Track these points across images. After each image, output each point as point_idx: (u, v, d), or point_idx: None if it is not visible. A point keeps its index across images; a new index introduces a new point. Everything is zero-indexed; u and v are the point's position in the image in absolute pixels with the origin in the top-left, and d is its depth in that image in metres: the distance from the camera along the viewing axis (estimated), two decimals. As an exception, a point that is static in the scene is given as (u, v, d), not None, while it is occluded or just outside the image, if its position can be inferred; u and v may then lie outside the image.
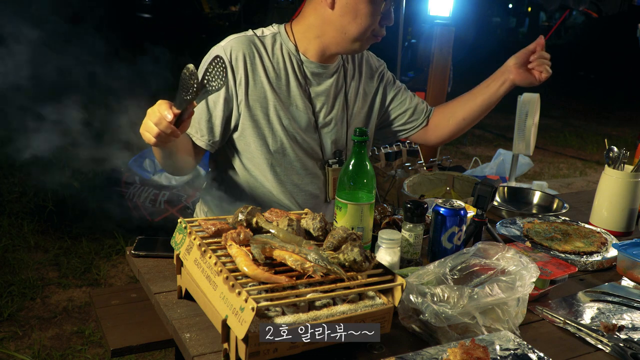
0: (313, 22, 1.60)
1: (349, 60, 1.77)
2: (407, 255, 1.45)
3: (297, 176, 1.69)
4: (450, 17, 4.77)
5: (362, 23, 1.54)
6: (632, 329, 1.26)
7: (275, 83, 1.61)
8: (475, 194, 1.57)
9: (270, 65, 1.61)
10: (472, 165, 5.14)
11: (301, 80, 1.65)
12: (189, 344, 1.07)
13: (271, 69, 1.61)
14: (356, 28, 1.55)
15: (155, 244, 1.47)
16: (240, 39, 1.59)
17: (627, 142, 7.36)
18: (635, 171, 1.82)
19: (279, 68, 1.62)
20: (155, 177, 3.78)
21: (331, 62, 1.69)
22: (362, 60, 1.81)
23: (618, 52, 11.65)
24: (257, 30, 1.65)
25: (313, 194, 1.74)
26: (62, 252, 3.43)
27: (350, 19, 1.54)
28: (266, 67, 1.60)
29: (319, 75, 1.67)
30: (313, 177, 1.73)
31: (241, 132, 1.61)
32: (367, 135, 1.35)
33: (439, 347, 1.05)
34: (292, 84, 1.63)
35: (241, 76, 1.57)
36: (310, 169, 1.71)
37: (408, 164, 3.81)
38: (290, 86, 1.63)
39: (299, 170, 1.69)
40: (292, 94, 1.64)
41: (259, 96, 1.60)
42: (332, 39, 1.60)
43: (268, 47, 1.62)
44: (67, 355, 2.54)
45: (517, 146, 3.68)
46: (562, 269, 1.38)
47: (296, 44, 1.64)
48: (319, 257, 1.05)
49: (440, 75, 4.85)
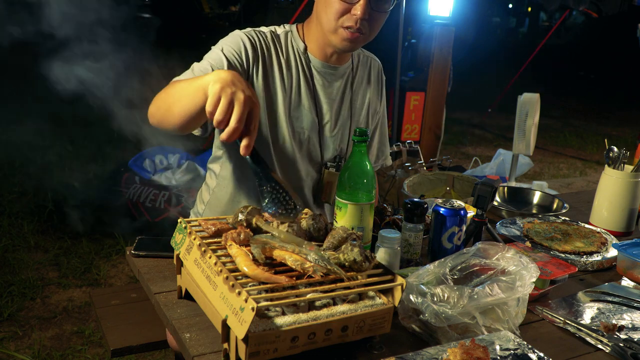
0: (314, 20, 1.61)
1: (359, 66, 1.76)
2: (407, 255, 1.45)
3: (292, 177, 1.69)
4: (450, 17, 4.78)
5: (329, 12, 1.51)
6: (632, 329, 1.26)
7: (287, 81, 1.61)
8: (475, 194, 1.57)
9: (284, 62, 1.61)
10: (472, 165, 5.14)
11: (309, 80, 1.65)
12: (189, 344, 1.07)
13: (284, 66, 1.61)
14: (326, 18, 1.52)
15: (155, 244, 1.47)
16: (260, 32, 1.60)
17: (627, 142, 7.37)
18: (635, 171, 1.82)
19: (290, 66, 1.62)
20: (155, 177, 3.78)
21: (339, 63, 1.67)
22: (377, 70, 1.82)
23: (618, 52, 11.65)
24: (271, 28, 1.65)
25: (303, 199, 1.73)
26: (62, 252, 3.43)
27: (322, 8, 1.53)
28: (280, 64, 1.61)
29: (327, 76, 1.67)
30: (308, 181, 1.72)
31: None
32: (367, 135, 1.35)
33: (439, 347, 1.05)
34: (301, 83, 1.63)
35: (260, 67, 1.57)
36: (307, 172, 1.71)
37: (408, 164, 3.81)
38: (299, 85, 1.63)
39: (294, 172, 1.68)
40: (300, 93, 1.64)
41: (272, 90, 1.60)
42: (318, 33, 1.60)
43: (282, 44, 1.63)
44: (67, 355, 2.54)
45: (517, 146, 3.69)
46: (562, 269, 1.38)
47: (306, 43, 1.64)
48: (319, 257, 1.05)
49: (440, 75, 4.85)
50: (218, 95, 1.15)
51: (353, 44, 1.55)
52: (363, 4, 1.47)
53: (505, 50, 13.86)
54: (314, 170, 1.73)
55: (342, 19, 1.50)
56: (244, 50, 1.54)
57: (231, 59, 1.52)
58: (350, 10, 1.48)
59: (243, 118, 1.15)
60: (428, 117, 4.94)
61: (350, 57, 1.72)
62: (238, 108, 1.14)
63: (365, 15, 1.48)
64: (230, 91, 1.14)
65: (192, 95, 1.25)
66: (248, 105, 1.16)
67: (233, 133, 1.15)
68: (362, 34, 1.52)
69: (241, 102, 1.14)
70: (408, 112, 4.91)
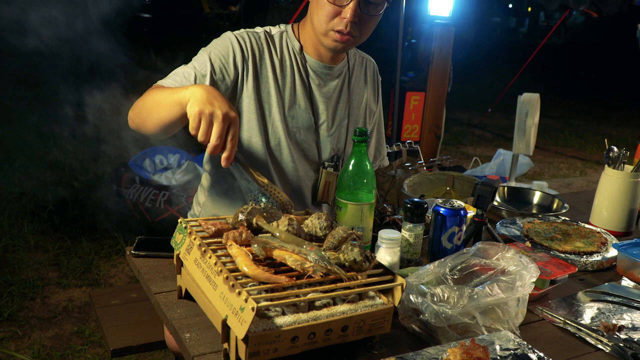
0: (308, 20, 1.61)
1: (355, 66, 1.76)
2: (407, 255, 1.45)
3: (290, 178, 1.69)
4: (450, 17, 4.78)
5: (321, 14, 1.51)
6: (632, 329, 1.26)
7: (281, 81, 1.62)
8: (475, 194, 1.57)
9: (277, 62, 1.62)
10: (472, 165, 5.14)
11: (305, 80, 1.65)
12: (189, 344, 1.07)
13: (278, 66, 1.61)
14: (317, 20, 1.53)
15: (155, 244, 1.47)
16: (253, 33, 1.61)
17: (627, 142, 7.37)
18: (635, 171, 1.82)
19: (284, 66, 1.62)
20: (155, 177, 3.78)
21: (334, 63, 1.68)
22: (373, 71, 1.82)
23: (618, 52, 11.65)
24: (265, 28, 1.66)
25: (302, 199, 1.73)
26: (62, 252, 3.43)
27: (314, 10, 1.54)
28: (274, 64, 1.61)
29: (323, 76, 1.67)
30: (307, 181, 1.72)
31: (246, 124, 1.61)
32: (367, 135, 1.35)
33: (439, 347, 1.05)
34: (296, 83, 1.64)
35: (250, 68, 1.57)
36: (305, 172, 1.71)
37: (408, 164, 3.81)
38: (294, 85, 1.64)
39: (291, 172, 1.68)
40: (295, 93, 1.64)
41: (264, 91, 1.60)
42: (312, 33, 1.60)
43: (276, 44, 1.63)
44: (67, 355, 2.54)
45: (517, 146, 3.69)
46: (562, 269, 1.38)
47: (301, 43, 1.64)
48: (319, 257, 1.05)
49: (440, 75, 4.85)
50: (198, 118, 1.23)
51: (343, 45, 1.56)
52: (353, 7, 1.48)
53: (505, 50, 13.86)
54: (312, 170, 1.72)
55: (333, 22, 1.51)
56: (232, 54, 1.55)
57: (216, 64, 1.53)
58: (341, 12, 1.49)
59: (223, 134, 1.24)
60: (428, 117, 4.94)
61: (346, 56, 1.72)
62: (217, 126, 1.23)
63: (355, 18, 1.49)
64: (208, 112, 1.22)
65: (169, 108, 1.33)
66: (226, 122, 1.24)
67: (215, 149, 1.25)
68: (353, 36, 1.53)
69: (220, 120, 1.23)
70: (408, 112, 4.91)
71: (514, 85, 7.45)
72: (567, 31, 16.43)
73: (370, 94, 1.82)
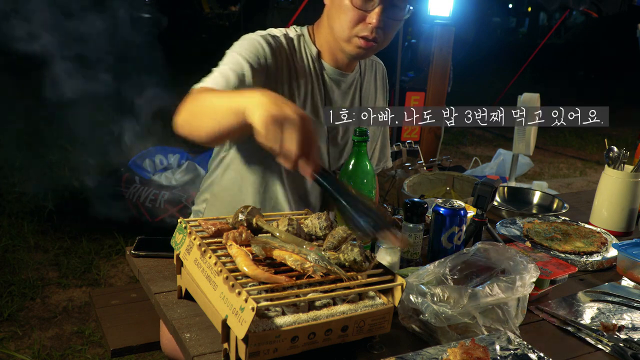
0: (324, 24, 1.56)
1: (366, 72, 1.73)
2: (407, 255, 1.45)
3: (298, 185, 1.66)
4: (450, 17, 4.77)
5: (343, 20, 1.46)
6: (632, 329, 1.26)
7: (296, 88, 1.56)
8: (475, 194, 1.57)
9: (298, 68, 1.56)
10: (472, 165, 5.14)
11: (321, 87, 1.61)
12: (189, 344, 1.07)
13: (298, 72, 1.56)
14: (339, 26, 1.48)
15: (155, 244, 1.47)
16: (275, 37, 1.53)
17: (627, 142, 7.36)
18: (635, 171, 1.82)
19: (303, 73, 1.57)
20: (155, 177, 3.78)
21: (349, 70, 1.64)
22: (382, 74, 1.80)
23: (618, 52, 11.64)
24: (283, 31, 1.59)
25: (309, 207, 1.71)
26: (62, 252, 3.43)
27: (335, 15, 1.48)
28: (294, 69, 1.56)
29: (338, 83, 1.63)
30: (315, 190, 1.69)
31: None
32: (367, 135, 1.35)
33: (439, 347, 1.05)
34: (315, 90, 1.59)
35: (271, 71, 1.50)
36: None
37: (408, 164, 3.81)
38: (313, 93, 1.59)
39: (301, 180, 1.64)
40: (310, 101, 1.60)
41: (284, 95, 1.54)
42: (330, 38, 1.56)
43: (296, 49, 1.58)
44: (67, 355, 2.54)
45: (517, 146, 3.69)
46: (562, 269, 1.38)
47: (318, 48, 1.60)
48: (319, 257, 1.05)
49: (440, 75, 4.85)
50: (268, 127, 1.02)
51: (366, 52, 1.52)
52: (379, 12, 1.43)
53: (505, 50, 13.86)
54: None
55: (357, 28, 1.46)
56: (263, 56, 1.47)
57: (255, 65, 1.43)
58: (365, 18, 1.45)
59: (301, 142, 1.03)
60: (428, 117, 4.94)
61: (358, 63, 1.69)
62: (293, 134, 1.02)
63: (381, 23, 1.45)
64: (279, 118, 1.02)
65: (227, 117, 1.15)
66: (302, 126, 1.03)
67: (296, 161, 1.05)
68: (377, 42, 1.49)
69: (296, 126, 1.02)
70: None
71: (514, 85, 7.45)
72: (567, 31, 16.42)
73: (380, 99, 1.80)
